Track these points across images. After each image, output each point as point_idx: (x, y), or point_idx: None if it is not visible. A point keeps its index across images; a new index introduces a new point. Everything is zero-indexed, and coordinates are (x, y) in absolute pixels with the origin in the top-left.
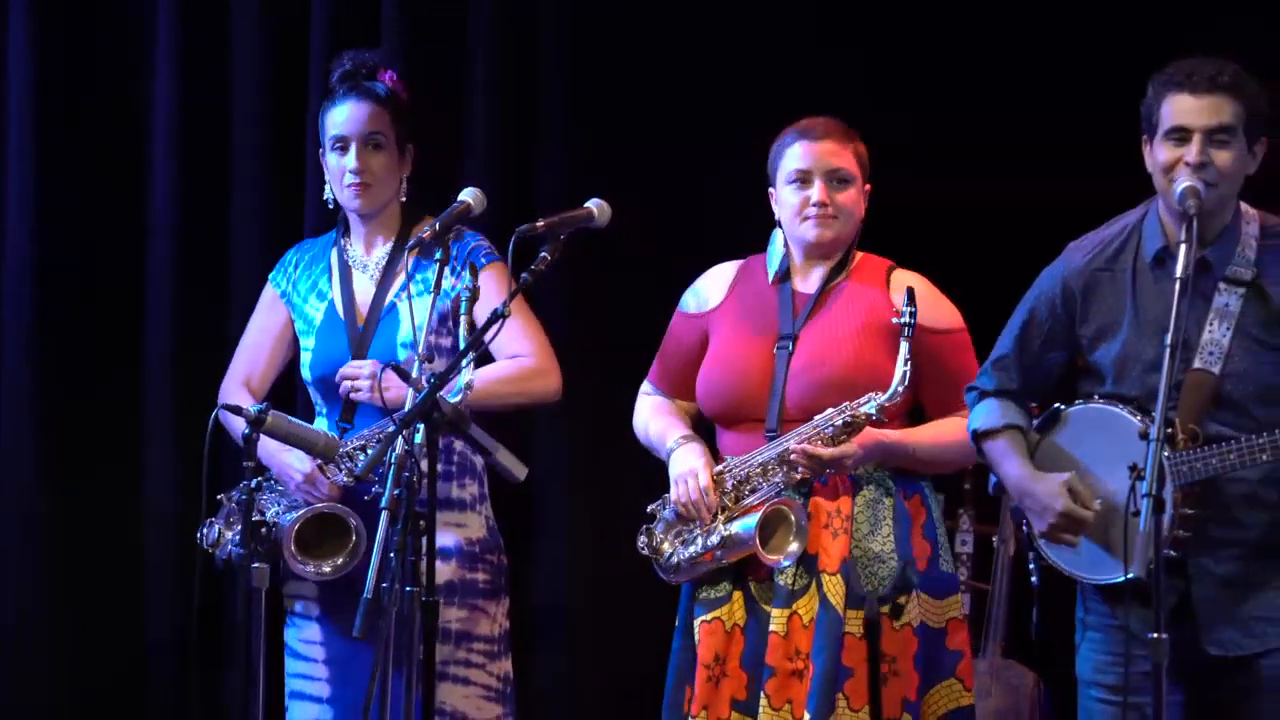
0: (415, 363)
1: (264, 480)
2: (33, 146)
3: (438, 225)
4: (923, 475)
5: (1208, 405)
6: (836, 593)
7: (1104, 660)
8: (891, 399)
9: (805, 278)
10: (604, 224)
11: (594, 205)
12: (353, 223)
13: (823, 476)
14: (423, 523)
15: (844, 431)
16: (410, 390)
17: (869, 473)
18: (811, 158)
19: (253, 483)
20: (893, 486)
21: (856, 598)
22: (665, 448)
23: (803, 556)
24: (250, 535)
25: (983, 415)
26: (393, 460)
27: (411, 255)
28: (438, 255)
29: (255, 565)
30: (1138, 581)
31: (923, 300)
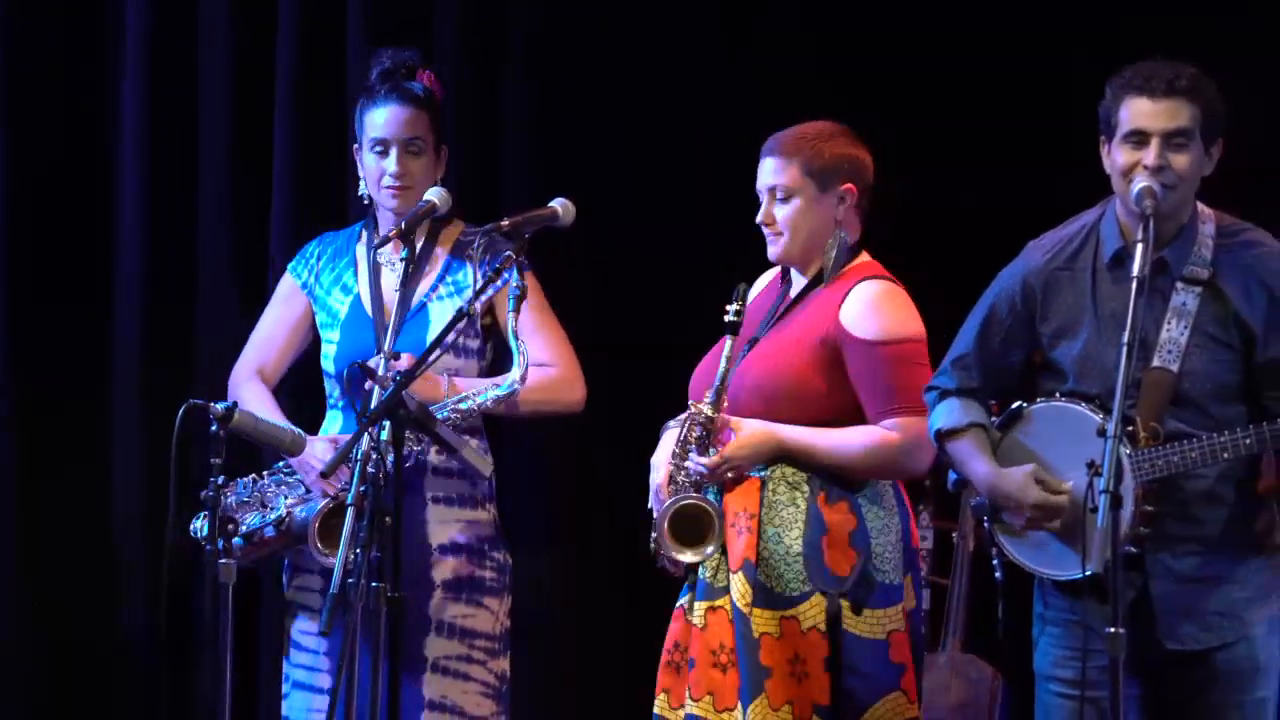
0: (381, 360)
1: (268, 473)
2: (2, 147)
3: (403, 223)
4: (861, 484)
5: (1167, 403)
6: (738, 590)
7: (1062, 655)
8: (714, 396)
9: (797, 286)
10: (569, 223)
11: (558, 204)
12: (383, 221)
13: (721, 480)
14: (388, 519)
15: (699, 430)
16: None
17: (783, 474)
18: (759, 175)
19: (219, 479)
20: (808, 490)
21: (770, 597)
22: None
23: (725, 553)
24: (217, 532)
25: (945, 415)
26: (359, 457)
27: (443, 238)
28: (505, 255)
29: (222, 561)
30: (1096, 577)
31: (865, 309)
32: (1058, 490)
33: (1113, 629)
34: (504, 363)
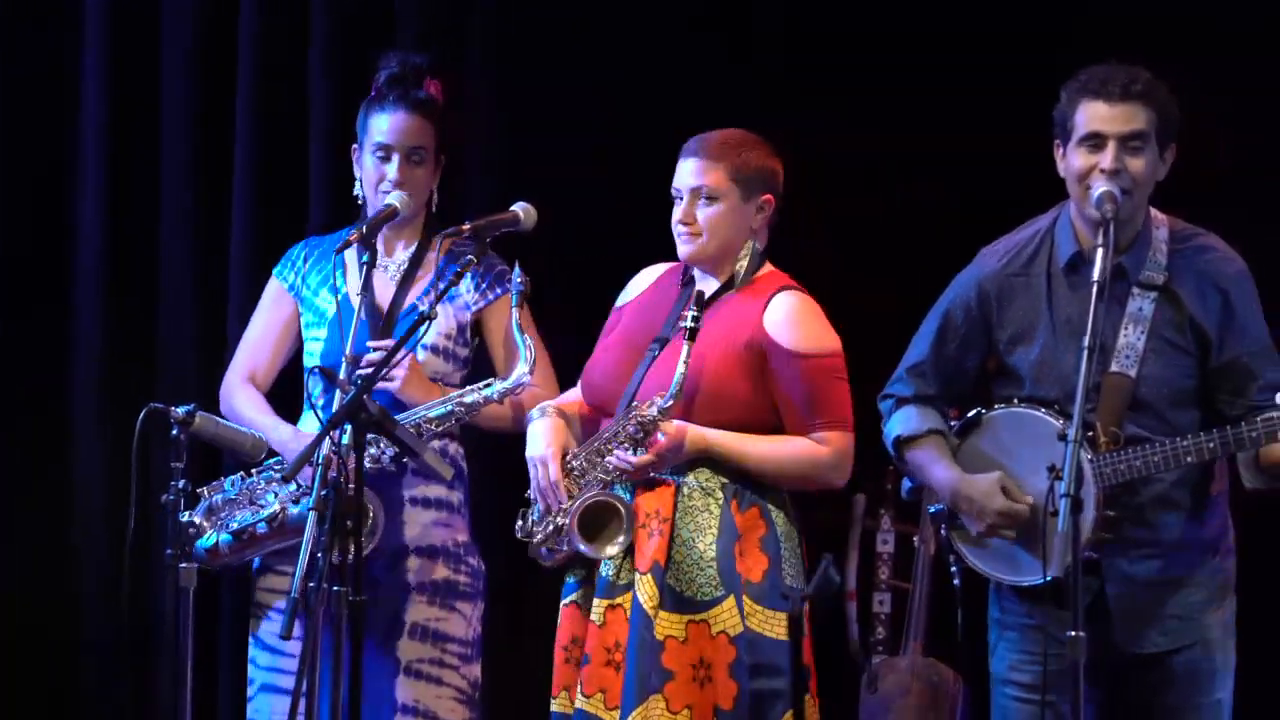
0: (343, 364)
1: (258, 470)
2: None
3: (363, 226)
4: (770, 490)
5: (1125, 408)
6: (645, 592)
7: (1020, 659)
8: (671, 399)
9: (706, 288)
10: (530, 227)
11: (520, 208)
12: None
13: (642, 479)
14: (349, 523)
15: (640, 432)
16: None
17: (696, 478)
18: (679, 175)
19: (180, 483)
20: (722, 496)
21: (679, 601)
22: (527, 415)
23: (629, 552)
24: (178, 536)
25: (902, 422)
26: (321, 460)
27: (444, 248)
28: (466, 260)
29: (183, 565)
30: (1056, 581)
31: (790, 321)
32: (1021, 499)
33: (1073, 632)
34: (482, 375)
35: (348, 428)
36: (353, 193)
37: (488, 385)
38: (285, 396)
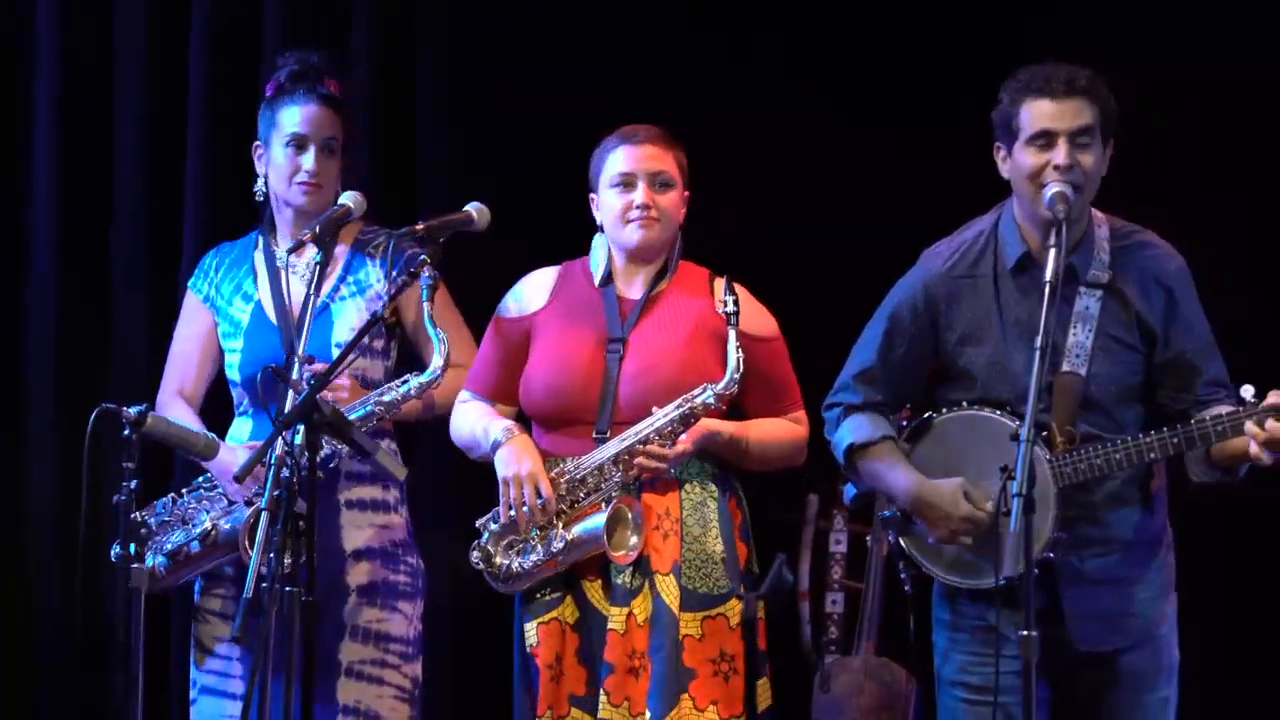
0: (295, 364)
1: (188, 490)
2: None
3: (318, 227)
4: (736, 477)
5: (1078, 406)
6: (670, 593)
7: (971, 661)
8: (728, 387)
9: (630, 283)
10: (484, 227)
11: (473, 209)
12: (281, 224)
13: (663, 474)
14: (302, 523)
15: (682, 425)
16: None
17: (692, 473)
18: (634, 161)
19: (132, 484)
20: (715, 488)
21: (695, 599)
22: (489, 441)
23: (638, 557)
24: (129, 536)
25: (854, 430)
26: (273, 461)
27: (293, 255)
28: (421, 258)
29: (135, 566)
30: (1011, 583)
31: (749, 306)
32: (983, 506)
33: (1026, 632)
34: (410, 365)
35: (299, 428)
36: (253, 190)
37: (404, 382)
38: (213, 409)
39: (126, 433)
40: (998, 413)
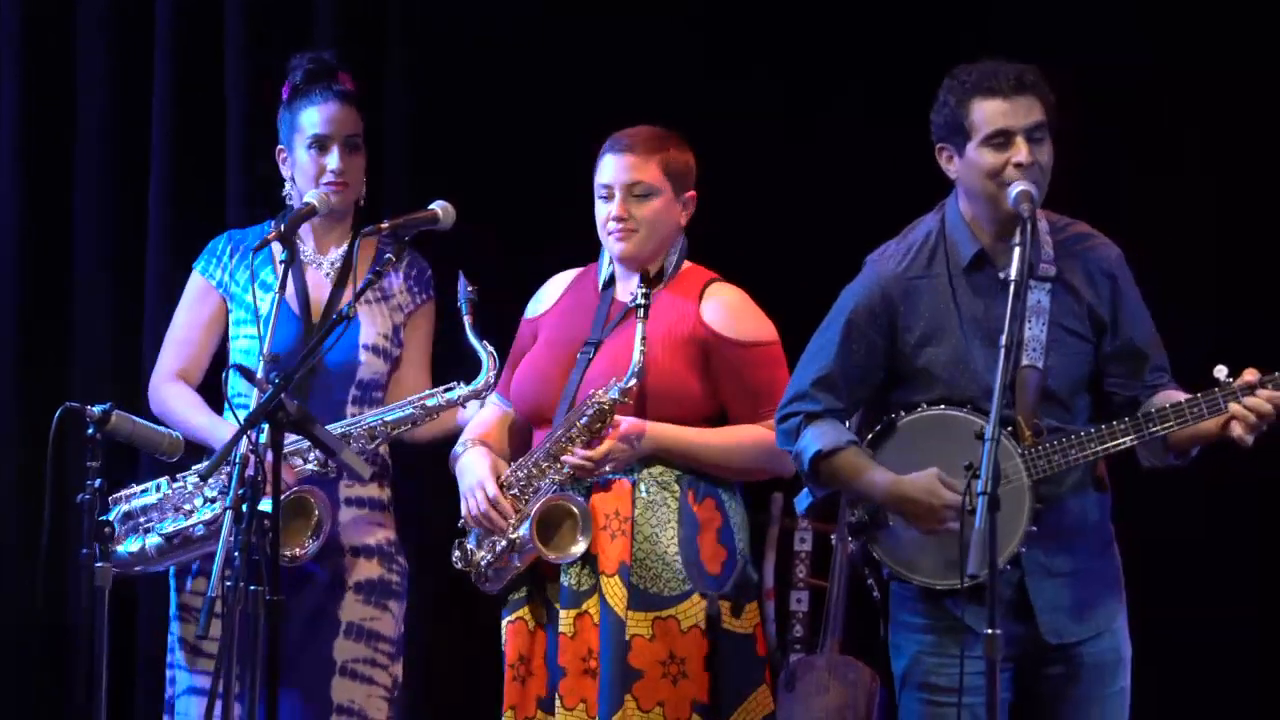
0: (261, 363)
1: (184, 474)
2: None
3: (283, 226)
4: (722, 481)
5: (1040, 400)
6: (614, 595)
7: (936, 661)
8: (632, 379)
9: (627, 287)
10: (449, 226)
11: (439, 207)
12: (308, 225)
13: (600, 477)
14: (266, 522)
15: (596, 421)
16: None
17: (650, 474)
18: (612, 171)
19: (96, 483)
20: (678, 489)
21: (646, 599)
22: (452, 453)
23: (587, 557)
24: (95, 535)
25: (819, 437)
26: (237, 459)
27: (363, 245)
28: (387, 258)
29: (99, 564)
30: (978, 580)
31: (730, 312)
32: (960, 491)
33: (989, 631)
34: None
35: (265, 426)
36: (283, 194)
37: (450, 389)
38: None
39: (90, 431)
40: (964, 411)
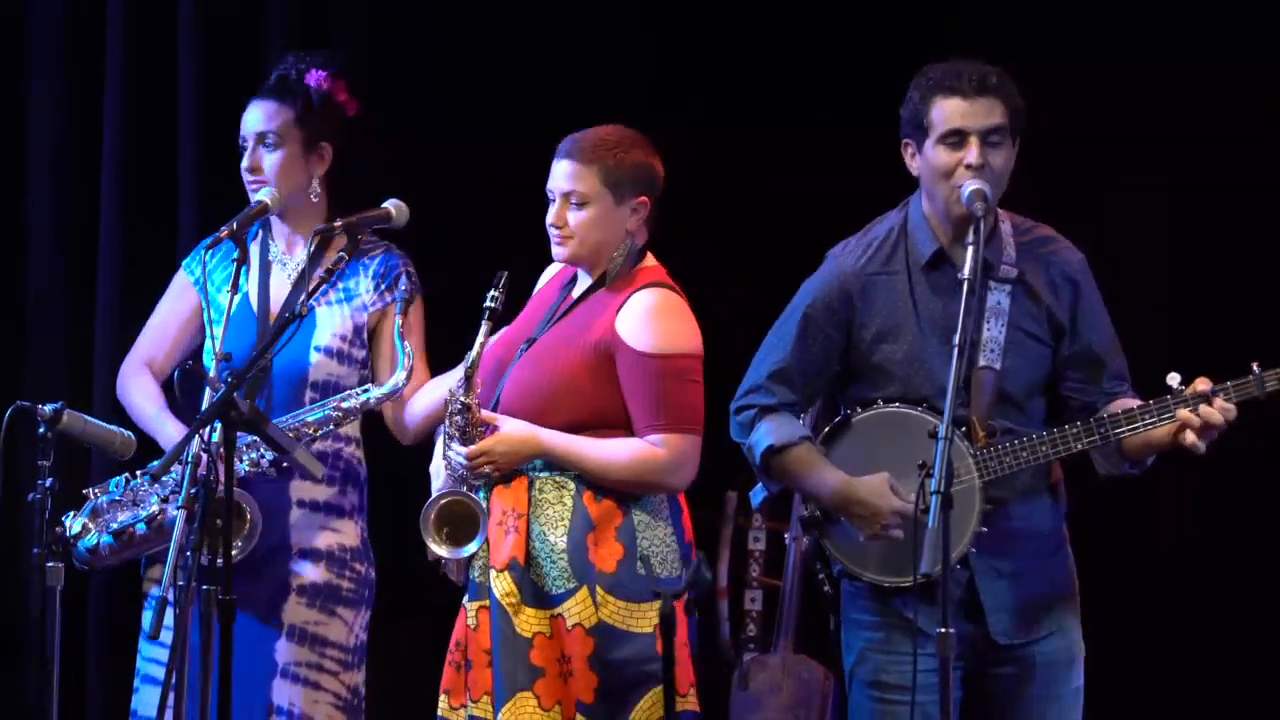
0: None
1: (141, 471)
2: None
3: (235, 224)
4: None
5: (996, 401)
6: (501, 589)
7: (887, 660)
8: (466, 379)
9: (582, 285)
10: (402, 224)
11: (391, 205)
12: (273, 220)
13: (481, 477)
14: (219, 521)
15: (464, 421)
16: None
17: (549, 471)
18: (553, 177)
19: (48, 482)
20: (574, 488)
21: (539, 596)
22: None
23: (487, 552)
24: (47, 535)
25: (771, 431)
26: (190, 459)
27: (314, 243)
28: (339, 256)
29: (50, 564)
30: (930, 579)
31: (639, 319)
32: (909, 498)
33: (942, 629)
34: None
35: (217, 425)
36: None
37: (365, 391)
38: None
39: (42, 430)
40: (918, 409)
